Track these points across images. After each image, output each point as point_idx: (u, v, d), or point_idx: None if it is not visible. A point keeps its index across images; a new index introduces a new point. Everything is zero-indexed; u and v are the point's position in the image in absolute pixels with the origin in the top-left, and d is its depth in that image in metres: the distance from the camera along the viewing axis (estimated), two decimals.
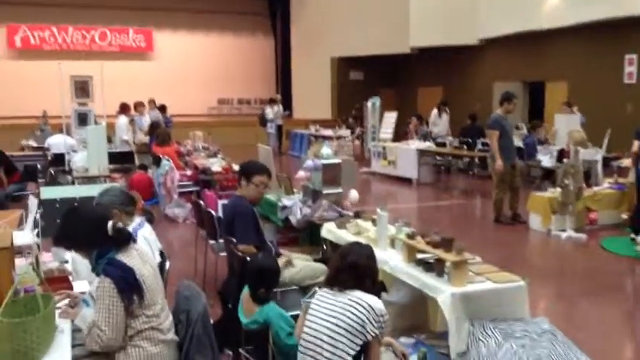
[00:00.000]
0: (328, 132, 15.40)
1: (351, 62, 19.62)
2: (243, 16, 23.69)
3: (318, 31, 19.80)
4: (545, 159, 10.70)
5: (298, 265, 4.26)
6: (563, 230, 7.29)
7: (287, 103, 19.77)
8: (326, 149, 5.56)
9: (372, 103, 14.28)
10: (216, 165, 8.76)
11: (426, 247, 3.68)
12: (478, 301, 3.38)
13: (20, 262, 3.46)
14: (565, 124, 11.01)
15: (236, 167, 8.62)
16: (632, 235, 6.65)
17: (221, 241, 5.32)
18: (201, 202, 6.21)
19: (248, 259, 3.85)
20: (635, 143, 7.25)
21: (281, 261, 4.07)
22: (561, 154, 10.24)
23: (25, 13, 20.76)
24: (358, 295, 2.84)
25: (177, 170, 8.76)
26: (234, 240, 4.21)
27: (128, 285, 2.60)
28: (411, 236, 3.88)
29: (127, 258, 2.68)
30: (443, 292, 3.38)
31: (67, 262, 3.93)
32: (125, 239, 2.74)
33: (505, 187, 8.07)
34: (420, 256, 3.87)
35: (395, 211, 8.62)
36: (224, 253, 5.06)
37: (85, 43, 22.24)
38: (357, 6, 18.44)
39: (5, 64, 21.13)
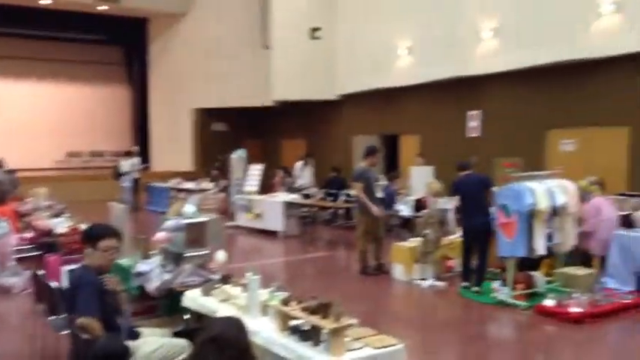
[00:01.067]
0: (190, 185, 14.81)
1: (214, 113, 19.34)
2: (96, 65, 22.49)
3: (178, 81, 19.32)
4: (404, 209, 11.13)
5: (154, 341, 3.75)
6: (425, 279, 7.48)
7: (145, 155, 18.84)
8: (189, 207, 5.16)
9: (238, 155, 14.03)
10: (61, 226, 7.87)
11: (302, 313, 3.44)
12: None
13: None
14: (420, 176, 11.64)
15: (85, 227, 7.84)
16: (464, 284, 6.99)
17: (61, 316, 4.64)
18: (42, 270, 5.44)
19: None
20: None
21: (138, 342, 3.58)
22: (418, 204, 10.74)
23: None
24: None
25: (15, 233, 7.72)
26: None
27: None
28: (285, 302, 3.62)
29: None
30: None
31: None
32: None
33: (369, 237, 8.17)
34: (293, 323, 3.61)
35: (261, 267, 8.33)
36: (66, 331, 4.40)
37: None
38: (219, 58, 18.35)
39: None
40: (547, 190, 6.39)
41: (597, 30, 9.78)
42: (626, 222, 6.89)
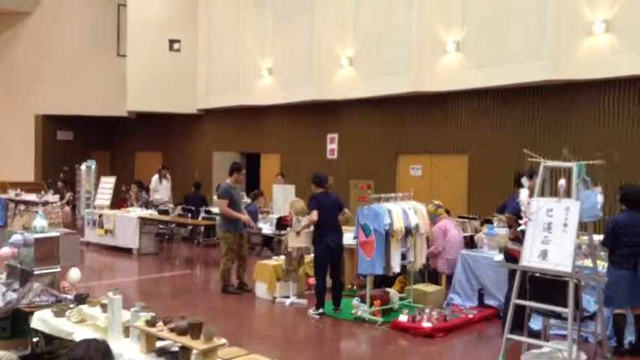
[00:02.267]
0: (32, 197, 13.54)
1: (60, 121, 17.95)
2: None
3: (21, 83, 17.64)
4: (266, 227, 11.18)
5: None
6: (287, 297, 7.56)
7: None
8: (40, 220, 4.72)
9: (87, 167, 13.14)
10: None
11: (170, 334, 3.29)
12: None
13: None
14: (282, 194, 11.79)
15: None
16: (316, 310, 6.92)
17: None
18: None
19: None
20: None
21: None
22: (280, 222, 10.86)
23: None
24: None
25: None
26: None
27: None
28: (151, 322, 3.44)
29: None
30: None
31: None
32: None
33: (233, 256, 8.08)
34: (160, 344, 3.45)
35: (114, 286, 7.86)
36: None
37: None
38: (69, 62, 17.13)
39: None
40: (402, 211, 6.83)
41: (442, 65, 10.73)
42: (469, 243, 7.58)
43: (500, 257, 6.40)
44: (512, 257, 5.75)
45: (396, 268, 6.73)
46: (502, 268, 6.19)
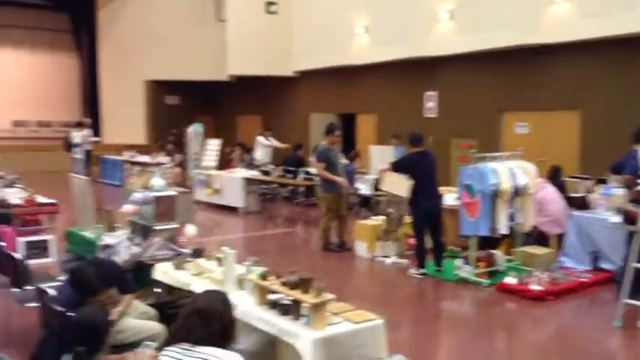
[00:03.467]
0: (145, 158, 14.44)
1: (167, 86, 18.83)
2: (41, 32, 21.44)
3: (130, 51, 18.63)
4: (364, 187, 11.22)
5: (130, 325, 3.66)
6: (387, 256, 7.59)
7: (96, 127, 18.21)
8: (157, 180, 5.02)
9: (194, 130, 13.75)
10: (14, 197, 7.53)
11: (282, 288, 3.42)
12: (340, 345, 3.21)
13: None
14: (379, 155, 11.73)
15: (40, 199, 7.54)
16: (418, 270, 6.85)
17: (29, 288, 4.48)
18: (1, 243, 5.21)
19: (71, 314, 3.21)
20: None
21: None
22: (377, 183, 10.84)
23: None
24: (211, 351, 2.50)
25: None
26: None
27: None
28: (263, 276, 3.59)
29: None
30: (303, 337, 3.15)
31: None
32: None
33: (333, 215, 8.20)
34: (272, 297, 3.60)
35: (223, 242, 8.26)
36: (33, 304, 4.25)
37: None
38: (173, 29, 17.80)
39: None
40: (509, 171, 6.57)
41: (551, 16, 10.02)
42: (582, 204, 7.17)
43: (617, 219, 6.00)
44: (630, 219, 5.38)
45: (503, 230, 6.52)
46: (619, 230, 5.82)
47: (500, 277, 6.45)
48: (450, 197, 7.36)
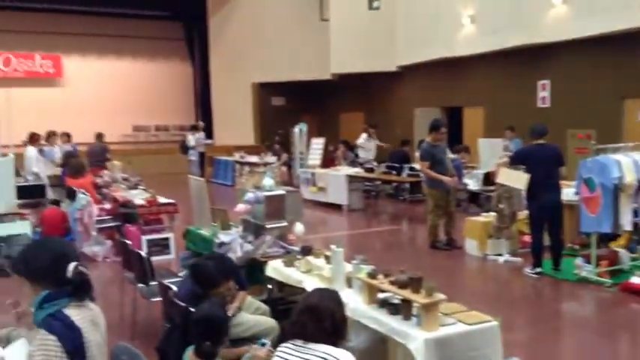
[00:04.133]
0: (254, 159, 15.00)
1: (273, 88, 19.42)
2: (158, 41, 22.92)
3: (237, 56, 19.45)
4: (472, 182, 10.89)
5: (245, 320, 3.82)
6: (500, 254, 7.31)
7: (208, 130, 19.19)
8: (268, 180, 5.19)
9: (299, 129, 14.07)
10: (138, 197, 8.12)
11: (391, 287, 3.40)
12: (453, 347, 3.13)
13: None
14: (489, 148, 11.31)
15: (161, 200, 8.06)
16: (533, 269, 6.55)
17: (153, 284, 4.81)
18: (127, 240, 5.63)
19: (192, 309, 3.40)
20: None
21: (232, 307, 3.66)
22: (487, 178, 10.47)
23: None
24: (323, 349, 2.54)
25: (94, 204, 8.03)
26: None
27: (74, 347, 2.12)
28: (372, 275, 3.59)
29: (78, 316, 2.18)
30: (415, 338, 3.11)
31: None
32: (84, 288, 2.24)
33: (440, 212, 8.03)
34: (381, 296, 3.59)
35: (328, 239, 8.38)
36: (157, 299, 4.56)
37: None
38: (277, 32, 18.33)
39: None
40: (633, 163, 6.07)
41: None
42: None
43: None
44: None
45: (627, 226, 6.05)
46: None
47: (624, 276, 5.99)
48: (567, 192, 6.93)
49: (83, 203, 7.83)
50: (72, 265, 2.20)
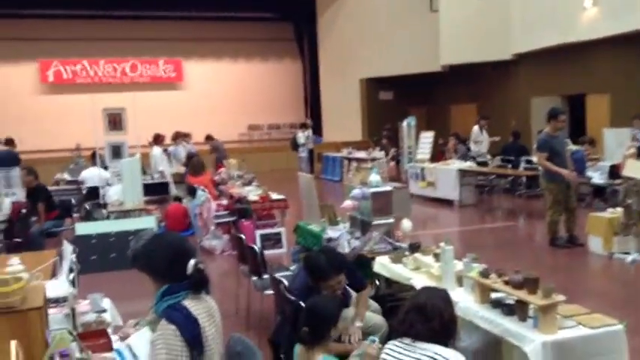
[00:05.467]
0: (361, 154, 15.03)
1: (380, 82, 19.33)
2: (270, 42, 23.68)
3: (346, 53, 19.60)
4: (596, 175, 10.14)
5: (352, 316, 3.85)
6: (627, 253, 6.75)
7: (317, 127, 19.54)
8: (375, 176, 5.17)
9: (408, 123, 13.88)
10: (252, 194, 8.46)
11: (506, 287, 3.25)
12: (573, 351, 2.94)
13: (54, 314, 3.16)
14: (615, 139, 10.48)
15: (273, 196, 8.34)
16: None
17: (265, 277, 4.99)
18: (242, 235, 5.87)
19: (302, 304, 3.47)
20: None
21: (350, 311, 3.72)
22: (613, 171, 9.69)
23: (56, 48, 21.06)
24: (432, 348, 2.48)
25: (212, 200, 8.49)
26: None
27: (192, 336, 2.26)
28: (484, 274, 3.46)
29: (195, 307, 2.33)
30: (531, 340, 2.95)
31: (104, 311, 3.63)
32: (201, 283, 2.40)
33: (560, 207, 7.55)
34: (494, 296, 3.45)
35: (438, 236, 8.20)
36: (269, 291, 4.71)
37: (115, 75, 22.46)
38: (385, 26, 18.20)
39: (38, 99, 21.42)
40: None
41: None
42: None
43: None
44: None
45: None
46: None
47: None
48: None
49: (202, 199, 8.30)
50: (192, 262, 2.35)
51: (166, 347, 2.21)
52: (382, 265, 4.56)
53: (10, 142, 12.64)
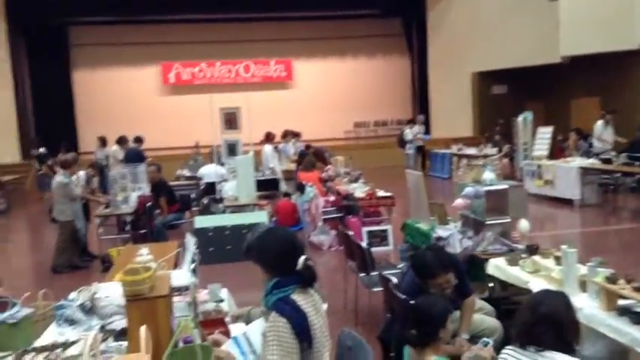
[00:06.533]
0: (472, 151, 14.56)
1: (493, 76, 18.59)
2: (377, 38, 23.57)
3: (456, 46, 19.07)
4: None
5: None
6: None
7: (426, 122, 19.18)
8: (489, 173, 4.98)
9: (524, 118, 13.23)
10: (358, 190, 8.49)
11: (636, 294, 3.00)
12: None
13: (178, 302, 3.36)
14: None
15: (380, 193, 8.31)
16: None
17: (373, 274, 4.98)
18: (349, 232, 5.90)
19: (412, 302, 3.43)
20: None
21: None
22: None
23: (177, 52, 22.43)
24: (552, 357, 2.35)
25: (320, 196, 8.62)
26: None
27: (302, 329, 2.32)
28: (611, 279, 3.21)
29: (303, 301, 2.41)
30: None
31: (222, 300, 3.80)
32: (310, 279, 2.48)
33: None
34: (622, 303, 3.19)
35: (556, 237, 7.74)
36: (377, 288, 4.70)
37: (230, 76, 23.48)
38: (499, 17, 17.48)
39: (161, 100, 22.93)
40: None
41: None
42: None
43: None
44: None
45: None
46: None
47: None
48: None
49: (311, 196, 8.46)
50: (302, 259, 2.42)
51: (277, 339, 2.28)
52: (497, 267, 4.39)
53: (138, 140, 13.65)
